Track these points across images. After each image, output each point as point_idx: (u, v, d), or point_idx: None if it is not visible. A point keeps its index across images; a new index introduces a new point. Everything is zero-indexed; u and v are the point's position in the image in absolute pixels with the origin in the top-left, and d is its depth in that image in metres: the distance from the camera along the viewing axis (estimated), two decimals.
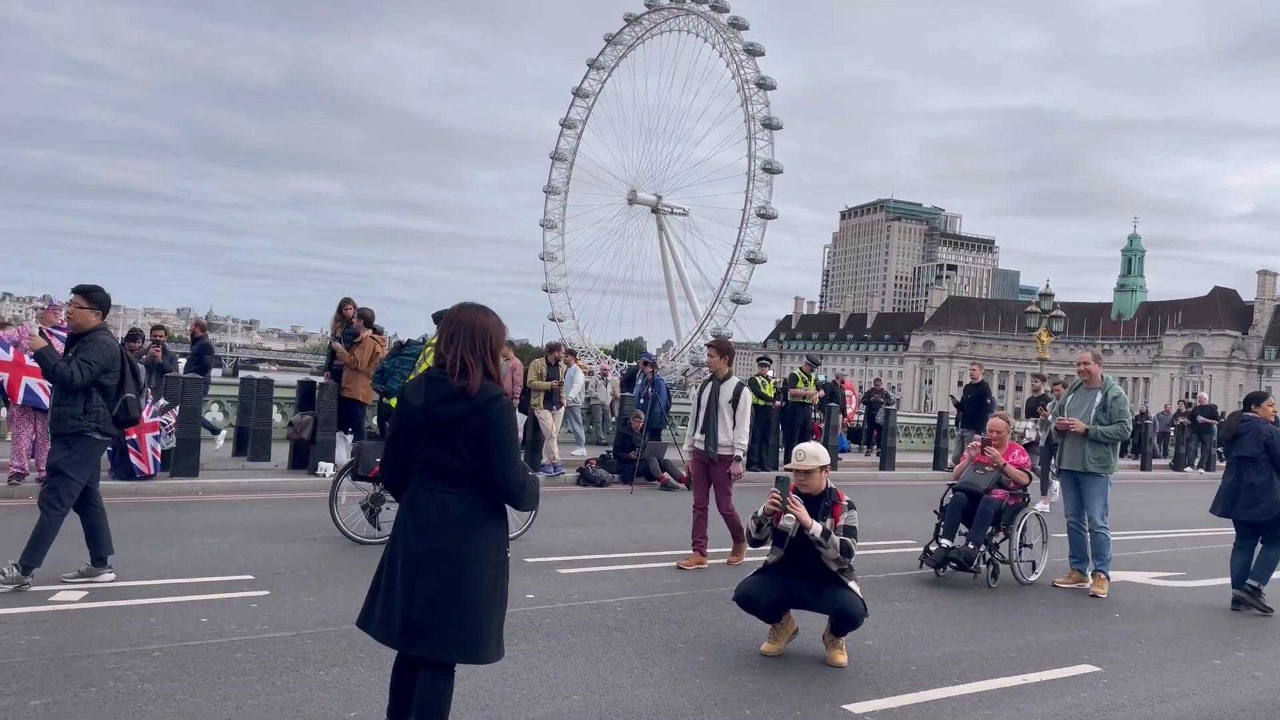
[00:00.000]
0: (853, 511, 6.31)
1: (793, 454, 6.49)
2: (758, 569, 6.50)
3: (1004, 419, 9.78)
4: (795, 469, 6.37)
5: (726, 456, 8.86)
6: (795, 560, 6.24)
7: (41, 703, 4.68)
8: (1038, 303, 35.81)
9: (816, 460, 6.35)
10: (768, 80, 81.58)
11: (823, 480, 6.36)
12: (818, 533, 6.09)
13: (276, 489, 12.46)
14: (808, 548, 6.15)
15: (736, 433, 8.84)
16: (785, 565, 6.30)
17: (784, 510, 6.17)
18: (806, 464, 6.32)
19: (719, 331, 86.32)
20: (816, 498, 6.31)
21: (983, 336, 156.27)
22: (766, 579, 6.35)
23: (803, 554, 6.19)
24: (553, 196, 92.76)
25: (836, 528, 6.20)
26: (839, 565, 6.18)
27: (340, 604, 6.60)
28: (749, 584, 6.39)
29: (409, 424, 3.75)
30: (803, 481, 6.35)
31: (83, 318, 6.96)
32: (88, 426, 6.85)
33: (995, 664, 6.46)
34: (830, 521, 6.20)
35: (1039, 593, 8.96)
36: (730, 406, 8.82)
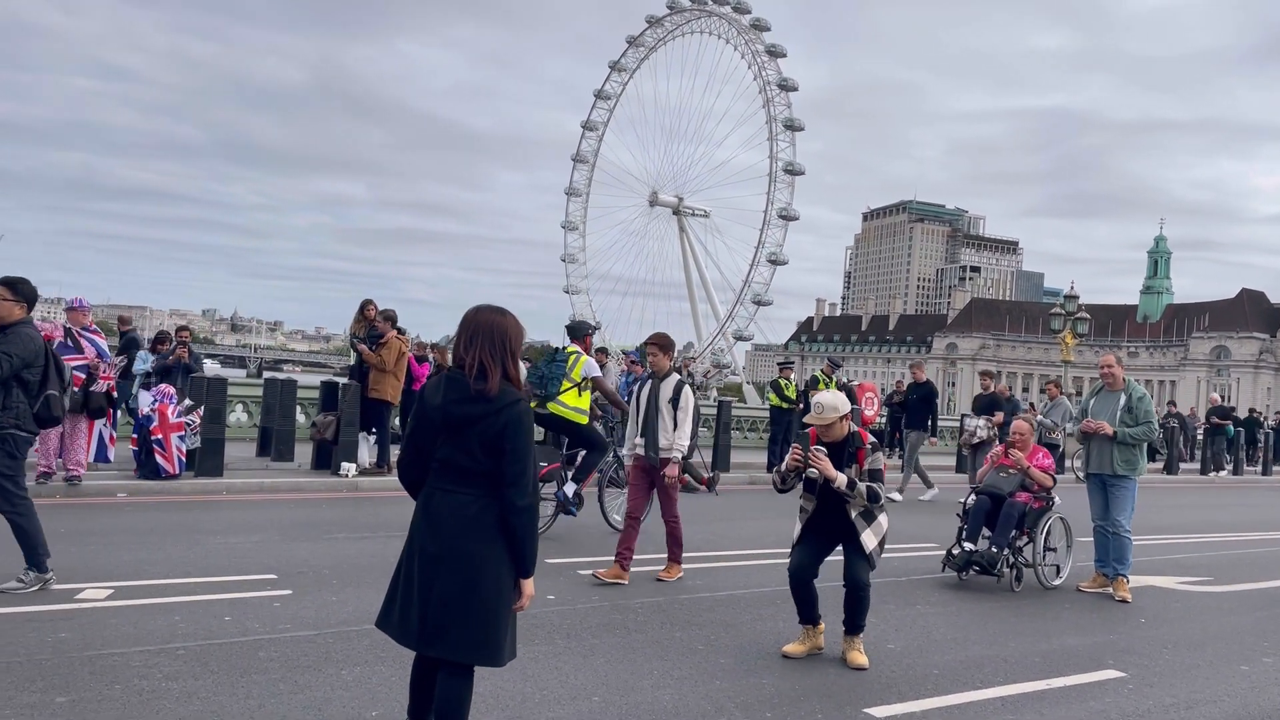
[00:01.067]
0: (877, 454, 6.32)
1: (812, 406, 6.43)
2: (796, 540, 6.46)
3: (1027, 421, 9.70)
4: (815, 423, 6.34)
5: (668, 460, 8.19)
6: (828, 507, 6.29)
7: (67, 699, 4.72)
8: (1062, 305, 35.49)
9: (836, 411, 6.30)
10: (789, 82, 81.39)
11: (844, 428, 6.35)
12: (843, 485, 6.13)
13: (300, 489, 12.54)
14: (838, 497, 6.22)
15: (677, 434, 8.15)
16: (819, 515, 6.33)
17: (807, 465, 6.18)
18: (826, 417, 6.29)
19: (741, 333, 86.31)
20: (840, 444, 6.31)
21: (1006, 339, 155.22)
22: (804, 548, 6.36)
23: (835, 498, 6.24)
24: (574, 198, 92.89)
25: (861, 473, 6.22)
26: (867, 509, 6.23)
27: (362, 603, 6.63)
28: (793, 558, 6.39)
29: (427, 423, 3.76)
30: (824, 432, 6.34)
31: (6, 310, 6.64)
32: (7, 423, 6.57)
33: (1019, 669, 6.41)
34: (855, 467, 6.22)
35: (1063, 597, 8.88)
36: (670, 406, 8.16)
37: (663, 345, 8.48)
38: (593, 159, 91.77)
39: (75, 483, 10.92)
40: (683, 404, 8.17)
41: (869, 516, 6.27)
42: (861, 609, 6.24)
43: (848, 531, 6.27)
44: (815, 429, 6.35)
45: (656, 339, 8.55)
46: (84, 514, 9.84)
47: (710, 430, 20.19)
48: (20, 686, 4.83)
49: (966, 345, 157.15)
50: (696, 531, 11.23)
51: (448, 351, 12.12)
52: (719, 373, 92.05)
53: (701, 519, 12.50)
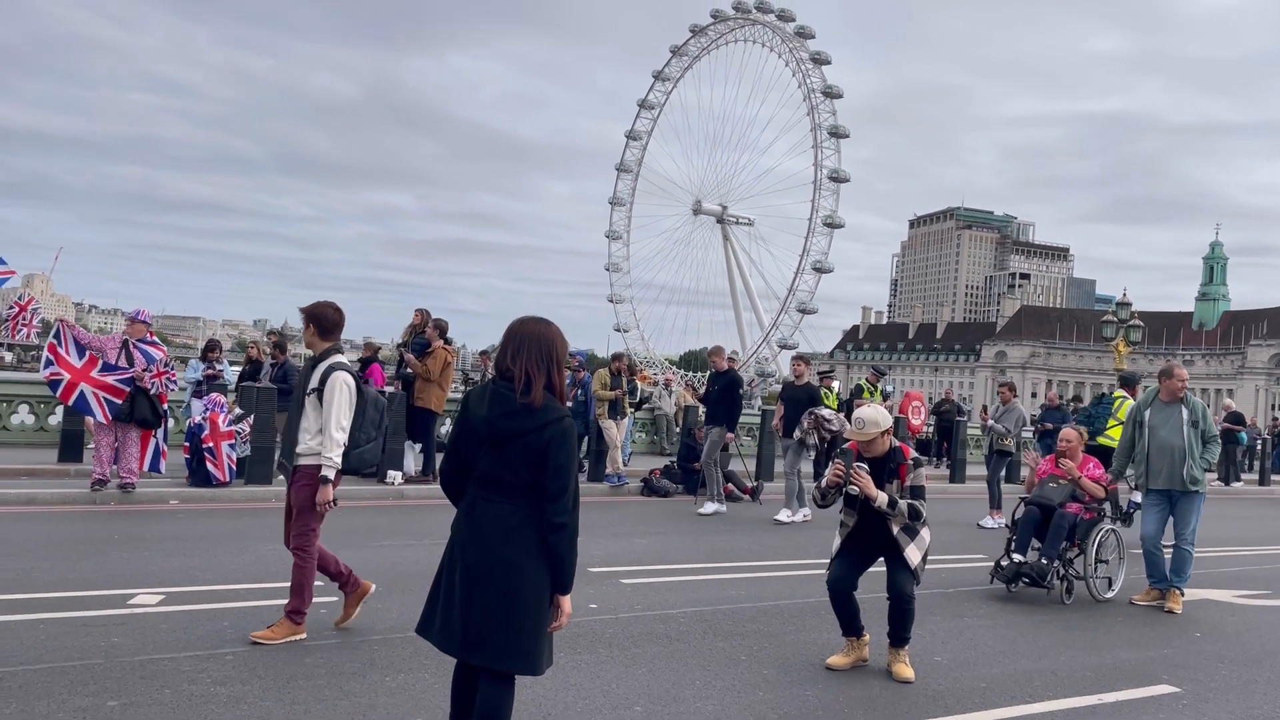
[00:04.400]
0: (919, 470, 6.25)
1: (853, 421, 6.37)
2: (835, 552, 6.39)
3: (1077, 430, 9.53)
4: (857, 438, 6.28)
5: (307, 468, 6.19)
6: (869, 522, 6.20)
7: (119, 703, 4.81)
8: (1115, 311, 34.94)
9: (877, 427, 6.23)
10: (834, 89, 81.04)
11: (885, 443, 6.27)
12: (883, 504, 6.05)
13: (346, 496, 12.57)
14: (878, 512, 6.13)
15: (324, 438, 6.12)
16: (860, 532, 6.24)
17: (848, 481, 6.11)
18: (867, 432, 6.22)
19: (785, 341, 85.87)
20: (881, 459, 6.24)
21: (1057, 346, 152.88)
22: (844, 561, 6.29)
23: (876, 513, 6.15)
24: (618, 208, 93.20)
25: (904, 490, 6.15)
26: (908, 525, 6.14)
27: (406, 610, 6.67)
28: (832, 570, 6.32)
29: (470, 434, 3.78)
30: (865, 447, 6.27)
31: None
32: None
33: (1069, 683, 6.28)
34: (896, 484, 6.15)
35: (1115, 610, 8.70)
36: (316, 398, 6.18)
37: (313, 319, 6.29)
38: (637, 168, 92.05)
39: (129, 490, 11.14)
40: (328, 394, 6.11)
41: (911, 531, 6.19)
42: (906, 621, 6.16)
43: (889, 545, 6.19)
44: (857, 443, 6.30)
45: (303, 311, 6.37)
46: (137, 521, 10.04)
47: (754, 439, 20.10)
48: (73, 690, 4.93)
49: (1016, 353, 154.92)
50: (741, 541, 11.19)
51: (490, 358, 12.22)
52: (763, 381, 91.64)
53: (745, 527, 12.45)
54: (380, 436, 6.52)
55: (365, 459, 6.36)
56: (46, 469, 12.38)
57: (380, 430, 6.47)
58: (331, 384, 6.07)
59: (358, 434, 6.22)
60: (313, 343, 6.31)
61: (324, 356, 6.21)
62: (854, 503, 6.25)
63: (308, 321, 6.26)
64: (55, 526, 9.54)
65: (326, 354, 6.21)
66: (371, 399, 6.39)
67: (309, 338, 6.31)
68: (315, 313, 6.27)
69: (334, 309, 6.33)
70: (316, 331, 6.24)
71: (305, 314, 6.31)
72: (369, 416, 6.32)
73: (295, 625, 6.08)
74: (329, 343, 6.24)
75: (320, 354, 6.24)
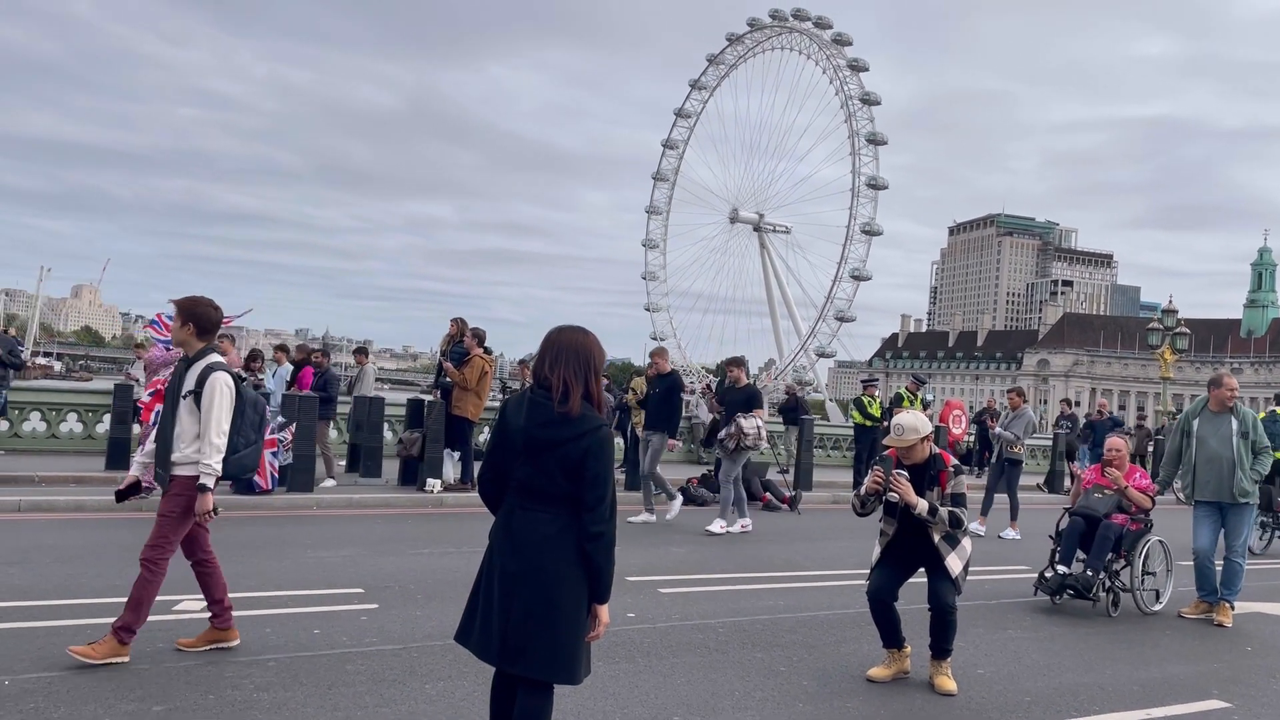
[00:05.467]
0: (960, 477, 6.16)
1: (891, 428, 6.28)
2: (875, 562, 6.31)
3: (1123, 439, 9.36)
4: (895, 444, 6.19)
5: (183, 477, 5.69)
6: (909, 531, 6.12)
7: (163, 708, 4.88)
8: (1160, 319, 34.38)
9: (917, 433, 6.14)
10: (872, 96, 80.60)
11: (925, 450, 6.18)
12: (924, 511, 5.96)
13: (387, 504, 12.79)
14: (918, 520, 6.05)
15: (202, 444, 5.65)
16: (900, 541, 6.16)
17: (887, 490, 6.03)
18: (906, 439, 6.13)
19: (823, 350, 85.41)
20: (921, 466, 6.15)
21: (1101, 355, 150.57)
22: (883, 571, 6.21)
23: (916, 521, 6.07)
24: (655, 216, 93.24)
25: (944, 497, 6.06)
26: (949, 534, 6.06)
27: (446, 618, 6.70)
28: (872, 581, 6.24)
29: (508, 444, 3.79)
30: (905, 454, 6.18)
31: None
32: None
33: (1116, 697, 6.17)
34: (937, 490, 6.06)
35: (1163, 623, 8.53)
36: (193, 401, 5.70)
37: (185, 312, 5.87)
38: (673, 177, 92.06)
39: None
40: (207, 397, 5.68)
41: (952, 540, 6.11)
42: (948, 632, 6.08)
43: (930, 555, 6.12)
44: (897, 453, 6.23)
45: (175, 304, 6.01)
46: None
47: (793, 449, 19.98)
48: (120, 695, 5.00)
49: (1059, 362, 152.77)
50: (779, 551, 11.12)
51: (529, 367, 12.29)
52: (801, 390, 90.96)
53: (784, 537, 12.37)
54: (260, 440, 6.08)
55: (245, 464, 5.97)
56: (94, 476, 12.61)
57: (259, 433, 6.04)
58: (210, 386, 5.66)
59: (236, 438, 5.80)
60: (188, 341, 5.83)
61: (200, 356, 5.79)
62: (894, 510, 6.17)
63: (185, 319, 5.80)
64: (102, 533, 9.70)
65: (203, 354, 5.80)
66: (251, 400, 5.99)
67: (185, 336, 5.82)
68: (196, 311, 5.83)
69: (215, 307, 5.94)
70: (195, 330, 5.80)
71: (183, 311, 5.84)
72: (248, 419, 5.91)
73: (121, 645, 5.52)
74: (205, 342, 5.84)
75: (196, 354, 5.81)
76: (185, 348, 5.89)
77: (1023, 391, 15.08)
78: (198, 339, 5.81)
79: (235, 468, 5.88)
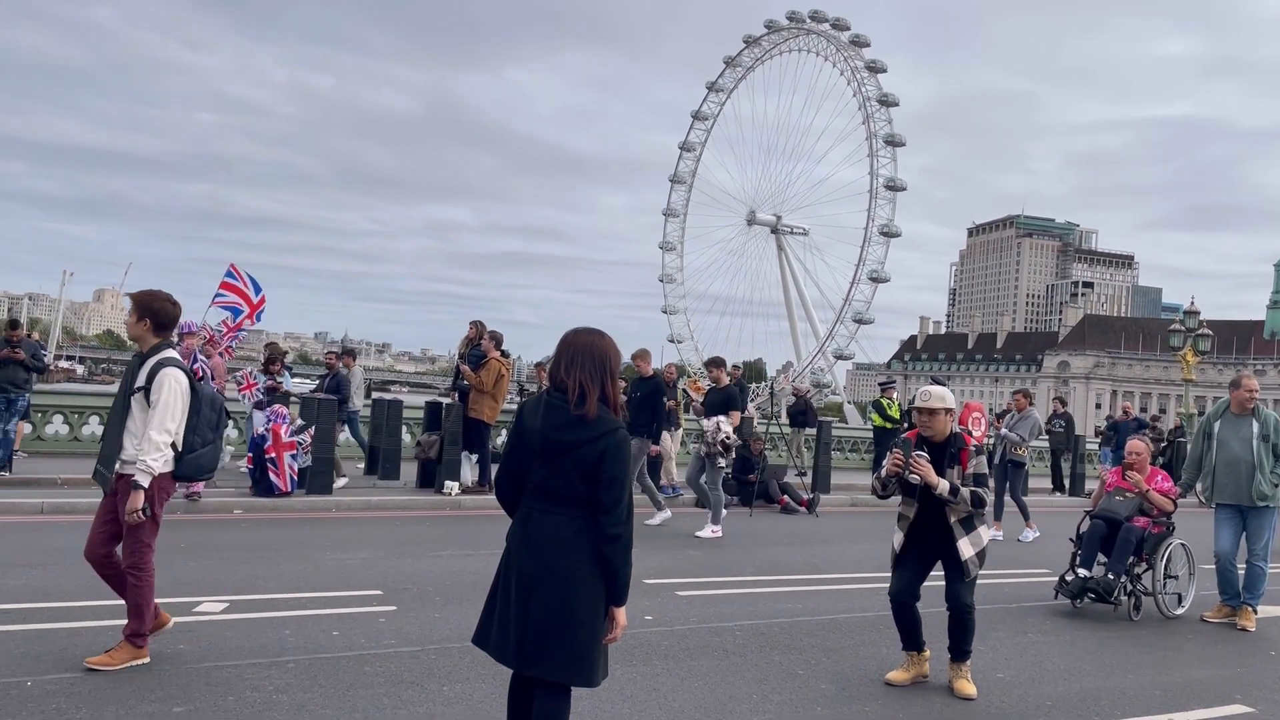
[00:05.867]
0: (980, 457, 6.05)
1: (918, 395, 6.19)
2: (897, 551, 6.21)
3: (1144, 442, 9.28)
4: (919, 408, 6.09)
5: (131, 477, 5.47)
6: (929, 514, 6.01)
7: (184, 709, 4.91)
8: (1182, 320, 34.12)
9: (942, 401, 6.04)
10: (890, 97, 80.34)
11: (948, 425, 6.07)
12: (945, 491, 5.84)
13: (405, 507, 12.83)
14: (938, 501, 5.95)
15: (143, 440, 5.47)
16: (921, 524, 6.04)
17: (908, 471, 5.92)
18: (931, 404, 6.03)
19: (841, 352, 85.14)
20: (941, 444, 6.02)
21: (1122, 356, 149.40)
22: (904, 572, 6.12)
23: (937, 503, 5.97)
24: (671, 219, 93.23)
25: (965, 476, 5.94)
26: (970, 514, 5.96)
27: (464, 620, 6.71)
28: (893, 583, 6.16)
29: (525, 446, 3.79)
30: (926, 424, 6.05)
31: None
32: None
33: (1138, 702, 6.11)
34: (958, 470, 5.95)
35: (1185, 627, 8.45)
36: (143, 397, 5.53)
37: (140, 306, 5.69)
38: (690, 180, 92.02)
39: (195, 499, 11.39)
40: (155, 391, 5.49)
41: (969, 525, 6.00)
42: (966, 633, 6.02)
43: (948, 548, 6.03)
44: (916, 430, 6.12)
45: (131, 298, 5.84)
46: (202, 530, 10.25)
47: (810, 451, 19.93)
48: (141, 696, 5.04)
49: (1080, 363, 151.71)
50: (797, 554, 11.09)
51: (546, 370, 12.30)
52: (819, 392, 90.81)
53: (802, 539, 12.34)
54: (218, 439, 5.88)
55: (202, 464, 5.74)
56: None
57: (218, 432, 5.81)
58: (160, 382, 5.44)
59: (192, 437, 5.60)
60: (143, 337, 5.62)
61: (154, 352, 5.59)
62: (913, 491, 6.04)
63: (142, 314, 5.60)
64: None
65: (157, 349, 5.60)
66: (208, 398, 5.75)
67: (141, 331, 5.62)
68: (153, 306, 5.63)
69: (173, 303, 5.73)
70: (152, 326, 5.60)
71: (139, 305, 5.64)
72: (204, 417, 5.68)
73: (137, 649, 5.55)
74: (161, 338, 5.65)
75: (150, 349, 5.61)
76: (140, 343, 5.69)
77: (1029, 393, 14.91)
78: (153, 334, 5.63)
79: (191, 468, 5.67)
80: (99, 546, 5.67)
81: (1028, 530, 13.39)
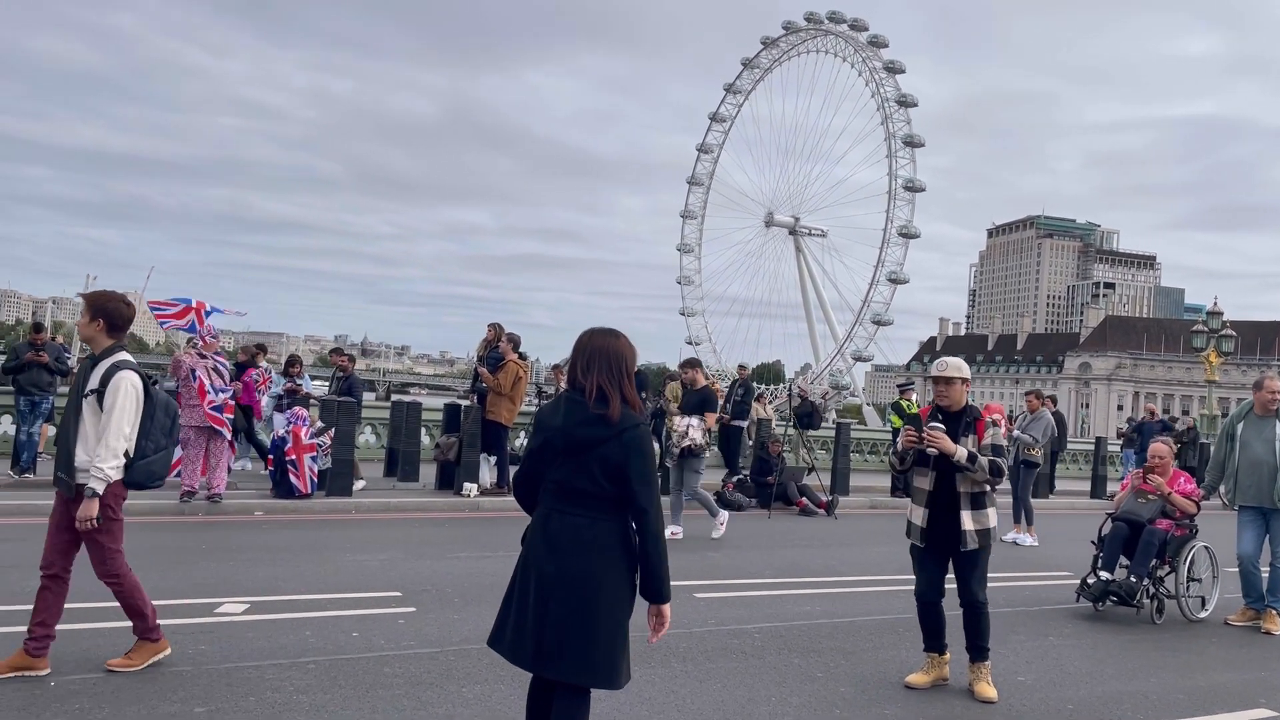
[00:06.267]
0: (997, 429, 5.96)
1: (933, 365, 6.14)
2: (915, 560, 6.15)
3: (1166, 444, 9.20)
4: (934, 376, 6.05)
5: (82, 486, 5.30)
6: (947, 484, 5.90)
7: (205, 710, 4.94)
8: (1205, 321, 33.84)
9: (958, 371, 6.01)
10: (909, 98, 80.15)
11: (963, 395, 6.04)
12: (963, 458, 5.77)
13: (424, 508, 12.87)
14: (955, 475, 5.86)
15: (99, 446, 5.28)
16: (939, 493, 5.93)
17: (922, 443, 5.85)
18: (948, 372, 5.99)
19: (860, 354, 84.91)
20: (956, 415, 5.98)
21: (1144, 358, 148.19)
22: (926, 570, 6.06)
23: (952, 480, 5.89)
24: (689, 221, 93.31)
25: (983, 447, 5.87)
26: (988, 485, 5.87)
27: (483, 622, 6.71)
28: (918, 582, 6.10)
29: (548, 445, 3.80)
30: (942, 393, 6.01)
31: None
32: None
33: (1161, 706, 6.06)
34: (973, 439, 5.87)
35: (1209, 631, 8.37)
36: (95, 400, 5.33)
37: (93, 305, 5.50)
38: (708, 181, 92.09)
39: (217, 501, 11.48)
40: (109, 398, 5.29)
41: (979, 502, 5.89)
42: (981, 630, 5.96)
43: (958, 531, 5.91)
44: (927, 408, 6.08)
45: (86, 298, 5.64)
46: (224, 531, 10.33)
47: (829, 453, 19.87)
48: (163, 696, 5.08)
49: (1101, 365, 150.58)
50: (816, 556, 11.06)
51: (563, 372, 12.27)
52: (837, 394, 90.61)
53: (821, 543, 12.30)
54: (171, 445, 5.68)
55: (153, 470, 5.54)
56: None
57: (170, 438, 5.62)
58: (115, 385, 5.26)
59: (145, 443, 5.40)
60: (95, 338, 5.44)
61: (106, 354, 5.40)
62: (927, 461, 5.95)
63: (95, 314, 5.40)
64: (146, 537, 9.84)
65: (110, 351, 5.42)
66: (162, 403, 5.55)
67: (93, 332, 5.43)
68: (107, 306, 5.44)
69: (126, 303, 5.54)
70: (105, 326, 5.41)
71: (92, 305, 5.46)
72: (158, 423, 5.49)
73: (154, 644, 5.54)
74: (114, 339, 5.46)
75: (103, 352, 5.43)
76: (92, 344, 5.49)
77: (1041, 394, 14.76)
78: (107, 335, 5.44)
79: (142, 474, 5.46)
80: (56, 557, 5.42)
81: (1028, 534, 13.22)
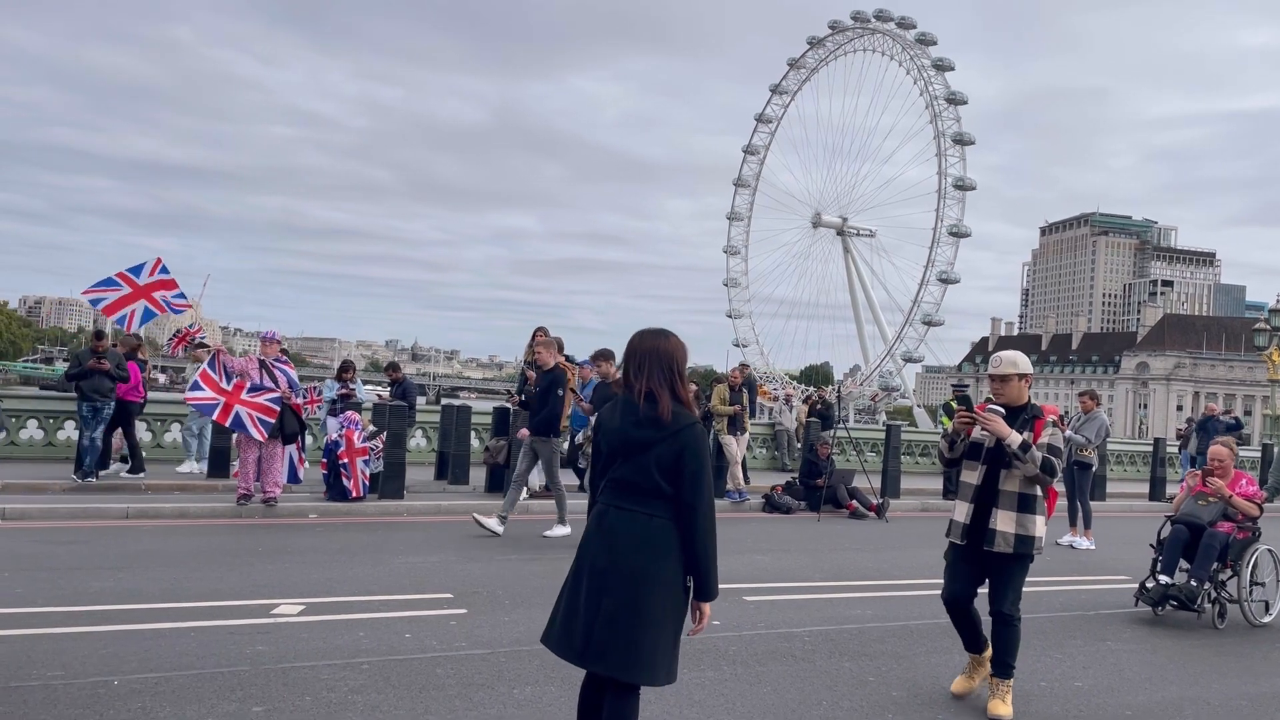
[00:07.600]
0: (1056, 430, 5.63)
1: (989, 360, 5.90)
2: (946, 565, 5.94)
3: (1228, 446, 8.98)
4: (990, 375, 5.78)
5: None
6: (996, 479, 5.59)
7: (263, 709, 5.03)
8: (1268, 319, 33.01)
9: (1014, 366, 5.70)
10: (958, 95, 79.20)
11: (1023, 391, 5.71)
12: (1016, 444, 5.41)
13: (475, 511, 12.95)
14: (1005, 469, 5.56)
15: None
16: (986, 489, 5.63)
17: (974, 425, 5.57)
18: (1003, 369, 5.68)
19: (910, 355, 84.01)
20: (1015, 411, 5.66)
21: (1204, 357, 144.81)
22: (957, 577, 5.79)
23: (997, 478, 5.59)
24: (736, 223, 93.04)
25: (1040, 445, 5.51)
26: (1039, 487, 5.54)
27: (534, 623, 6.77)
28: (945, 582, 5.87)
29: (608, 445, 3.86)
30: (999, 391, 5.71)
31: None
32: None
33: (1224, 712, 5.92)
34: (1030, 436, 5.50)
35: (1274, 636, 8.16)
36: None
37: None
38: (754, 183, 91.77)
39: (272, 504, 11.68)
40: None
41: (1026, 506, 5.54)
42: (1008, 645, 5.64)
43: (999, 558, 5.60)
44: (984, 400, 5.83)
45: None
46: (280, 534, 10.51)
47: (879, 455, 19.69)
48: (222, 695, 5.18)
49: (1160, 364, 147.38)
50: (867, 559, 10.97)
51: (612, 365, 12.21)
52: (887, 396, 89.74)
53: (871, 545, 12.20)
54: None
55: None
56: (196, 484, 13.09)
57: None
58: None
59: None
60: None
61: None
62: (978, 454, 5.65)
63: None
64: (204, 539, 10.06)
65: None
66: None
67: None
68: None
69: None
70: None
71: None
72: None
73: None
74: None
75: None
76: None
77: (1095, 394, 14.37)
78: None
79: None
80: None
81: (1080, 537, 12.95)
